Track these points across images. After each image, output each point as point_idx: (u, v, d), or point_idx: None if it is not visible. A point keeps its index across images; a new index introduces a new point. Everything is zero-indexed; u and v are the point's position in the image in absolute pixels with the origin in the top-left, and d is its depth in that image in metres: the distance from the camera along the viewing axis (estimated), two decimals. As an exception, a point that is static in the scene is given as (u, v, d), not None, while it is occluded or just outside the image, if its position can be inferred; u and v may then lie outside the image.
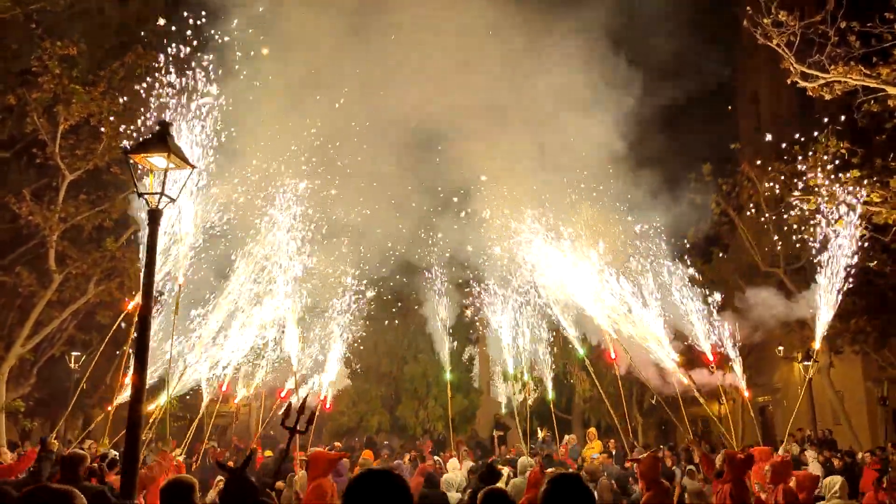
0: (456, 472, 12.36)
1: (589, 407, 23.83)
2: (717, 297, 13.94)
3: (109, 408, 11.58)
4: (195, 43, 14.57)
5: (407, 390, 23.92)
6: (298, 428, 7.45)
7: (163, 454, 9.76)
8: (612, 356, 14.32)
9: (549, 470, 10.50)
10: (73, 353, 22.63)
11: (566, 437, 15.88)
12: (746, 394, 12.82)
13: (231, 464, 14.91)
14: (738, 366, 12.50)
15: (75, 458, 6.02)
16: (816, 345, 12.08)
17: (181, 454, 13.26)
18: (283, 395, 16.53)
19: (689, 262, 15.09)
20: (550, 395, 17.44)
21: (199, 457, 16.08)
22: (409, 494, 2.33)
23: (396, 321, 24.07)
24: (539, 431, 18.50)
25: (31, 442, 19.03)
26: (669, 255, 14.93)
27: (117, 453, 8.63)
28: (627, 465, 12.48)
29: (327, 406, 19.60)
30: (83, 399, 22.70)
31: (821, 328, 11.89)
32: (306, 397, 8.34)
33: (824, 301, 11.93)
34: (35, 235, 18.18)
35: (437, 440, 23.82)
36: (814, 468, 13.93)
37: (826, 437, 21.00)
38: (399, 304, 23.38)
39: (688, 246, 15.46)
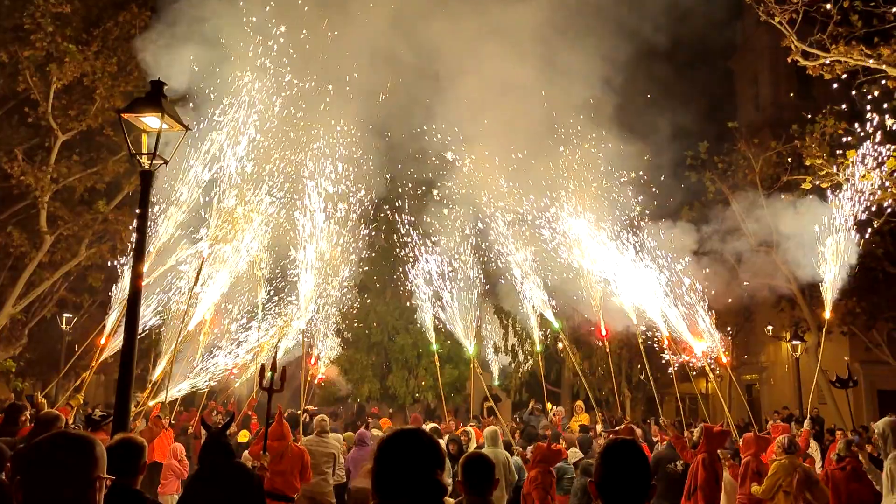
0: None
1: (578, 380, 24.03)
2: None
3: (90, 368, 11.50)
4: None
5: (397, 360, 24.06)
6: (273, 387, 7.56)
7: (156, 420, 9.81)
8: (604, 332, 14.29)
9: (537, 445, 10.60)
10: (65, 315, 22.65)
11: (552, 408, 15.97)
12: (725, 360, 12.91)
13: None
14: (713, 332, 12.51)
15: (49, 417, 6.04)
16: (827, 314, 12.13)
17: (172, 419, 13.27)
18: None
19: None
20: (527, 363, 17.44)
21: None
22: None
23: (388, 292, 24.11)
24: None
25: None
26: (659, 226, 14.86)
27: (102, 412, 8.60)
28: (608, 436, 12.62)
29: (320, 376, 19.72)
30: (75, 361, 22.77)
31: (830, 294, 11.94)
32: (275, 355, 8.41)
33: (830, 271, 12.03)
34: (27, 196, 18.04)
35: (427, 409, 24.04)
36: (812, 446, 14.11)
37: (813, 416, 21.25)
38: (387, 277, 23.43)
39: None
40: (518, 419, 18.07)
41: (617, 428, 9.20)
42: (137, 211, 6.96)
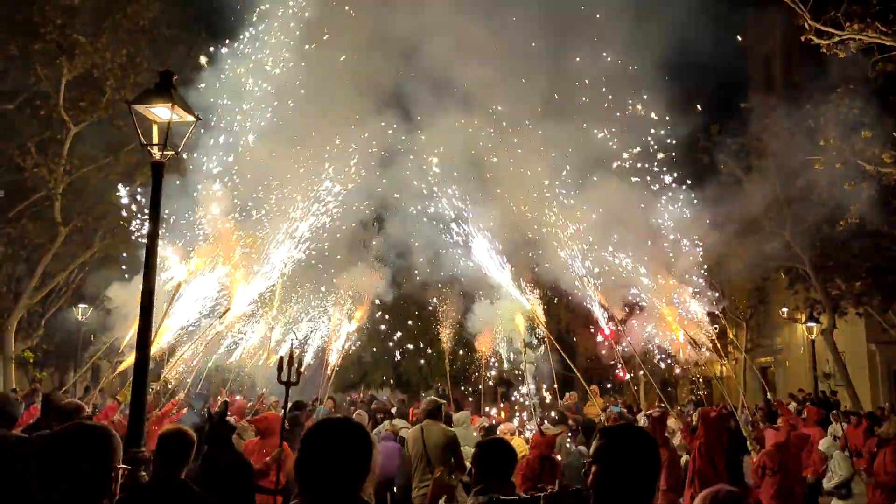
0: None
1: (592, 366, 24.02)
2: None
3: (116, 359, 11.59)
4: None
5: (409, 346, 24.14)
6: (291, 380, 7.52)
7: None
8: (607, 332, 14.13)
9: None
10: (81, 306, 22.84)
11: (566, 394, 15.95)
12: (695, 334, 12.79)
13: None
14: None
15: (70, 406, 6.04)
16: None
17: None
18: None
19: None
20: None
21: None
22: (368, 438, 2.36)
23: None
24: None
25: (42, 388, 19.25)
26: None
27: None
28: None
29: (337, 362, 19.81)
30: (91, 351, 23.02)
31: None
32: (292, 348, 8.31)
33: None
34: (40, 188, 18.16)
35: (440, 395, 24.10)
36: (835, 428, 14.02)
37: (828, 398, 21.16)
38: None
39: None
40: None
41: (651, 412, 9.01)
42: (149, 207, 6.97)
